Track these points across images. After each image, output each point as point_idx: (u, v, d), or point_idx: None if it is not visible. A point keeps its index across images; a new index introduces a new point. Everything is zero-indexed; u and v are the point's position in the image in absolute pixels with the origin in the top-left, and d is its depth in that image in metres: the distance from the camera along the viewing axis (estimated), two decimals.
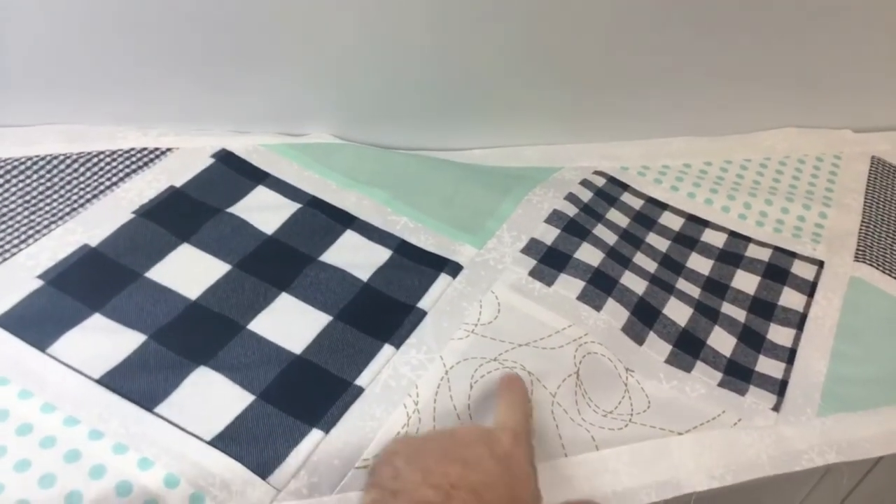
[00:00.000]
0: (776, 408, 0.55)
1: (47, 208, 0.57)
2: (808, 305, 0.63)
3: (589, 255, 0.62)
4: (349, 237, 0.60)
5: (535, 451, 0.44)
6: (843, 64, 0.78)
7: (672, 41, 0.70)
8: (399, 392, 0.50)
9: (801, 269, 0.67)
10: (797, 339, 0.60)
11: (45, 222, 0.56)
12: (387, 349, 0.53)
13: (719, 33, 0.71)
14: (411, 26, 0.64)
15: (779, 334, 0.61)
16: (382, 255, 0.60)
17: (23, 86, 0.61)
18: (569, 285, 0.59)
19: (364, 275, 0.58)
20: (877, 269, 0.67)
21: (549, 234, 0.64)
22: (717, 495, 0.50)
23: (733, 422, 0.53)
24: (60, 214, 0.57)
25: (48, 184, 0.59)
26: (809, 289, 0.65)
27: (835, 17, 0.73)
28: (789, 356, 0.59)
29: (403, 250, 0.60)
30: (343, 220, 0.62)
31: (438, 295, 0.57)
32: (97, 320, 0.51)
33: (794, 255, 0.68)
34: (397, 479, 0.38)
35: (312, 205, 0.62)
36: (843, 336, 0.61)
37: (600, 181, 0.72)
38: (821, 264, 0.67)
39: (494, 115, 0.74)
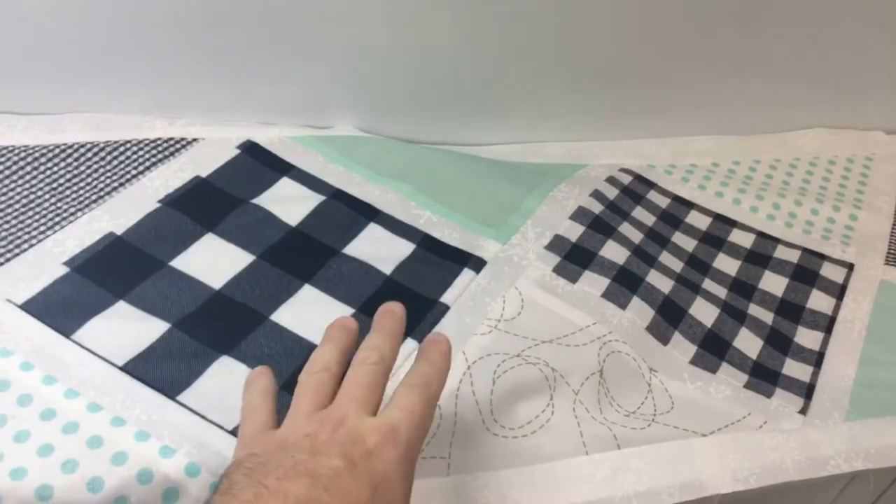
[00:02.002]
0: (803, 411, 0.54)
1: (74, 196, 0.58)
2: (836, 308, 0.62)
3: (614, 252, 0.62)
4: (372, 230, 0.60)
5: (555, 449, 0.44)
6: (874, 64, 0.76)
7: (700, 39, 0.69)
8: None
9: (831, 272, 0.65)
10: (825, 342, 0.59)
11: (72, 209, 0.57)
12: (409, 343, 0.52)
13: (749, 31, 0.70)
14: (438, 21, 0.63)
15: (806, 337, 0.60)
16: (406, 248, 0.59)
17: (51, 74, 0.62)
18: (593, 283, 0.59)
19: (387, 268, 0.57)
20: None
21: (574, 231, 0.63)
22: (740, 498, 0.49)
23: (759, 424, 0.52)
24: (87, 202, 0.57)
25: (75, 171, 0.60)
26: (839, 292, 0.64)
27: (866, 15, 0.71)
28: (817, 360, 0.58)
29: (427, 244, 0.60)
30: (367, 213, 0.61)
31: (461, 290, 0.57)
32: (121, 308, 0.51)
33: (823, 257, 0.67)
34: (226, 496, 0.32)
35: (336, 197, 0.62)
36: (873, 340, 0.60)
37: (627, 179, 0.71)
38: (850, 267, 0.66)
39: (520, 110, 0.73)
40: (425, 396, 0.38)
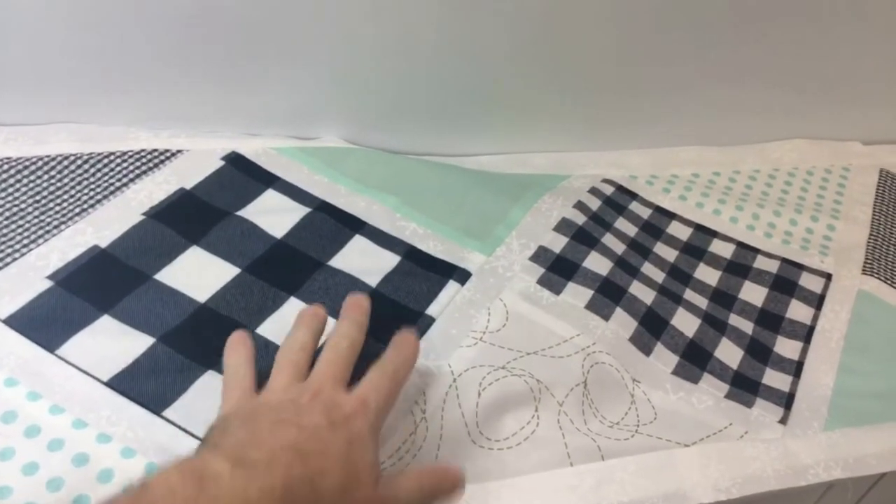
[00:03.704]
0: (783, 420, 0.55)
1: (57, 208, 0.58)
2: (815, 318, 0.63)
3: (598, 264, 0.62)
4: (358, 242, 0.60)
5: (539, 461, 0.44)
6: (852, 75, 0.78)
7: (682, 50, 0.70)
8: (406, 399, 0.50)
9: (809, 282, 0.67)
10: (804, 351, 0.60)
11: (56, 222, 0.56)
12: None
13: (729, 43, 0.71)
14: (423, 33, 0.64)
15: (786, 347, 0.61)
16: (391, 260, 0.60)
17: (35, 85, 0.62)
18: (577, 294, 0.59)
19: (373, 280, 0.58)
20: (884, 282, 0.67)
21: (558, 243, 0.64)
22: None
23: (740, 434, 0.53)
24: (71, 215, 0.57)
25: (59, 184, 0.60)
26: (817, 301, 0.65)
27: (845, 28, 0.73)
28: (796, 369, 0.59)
29: (412, 256, 0.60)
30: (352, 225, 0.62)
31: (447, 302, 0.57)
32: (106, 322, 0.51)
33: (802, 267, 0.68)
34: (224, 435, 0.37)
35: (321, 209, 0.62)
36: (851, 350, 0.61)
37: (609, 189, 0.72)
38: (829, 277, 0.67)
39: (504, 121, 0.74)
40: (393, 379, 0.43)
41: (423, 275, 0.59)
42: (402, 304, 0.56)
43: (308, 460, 0.36)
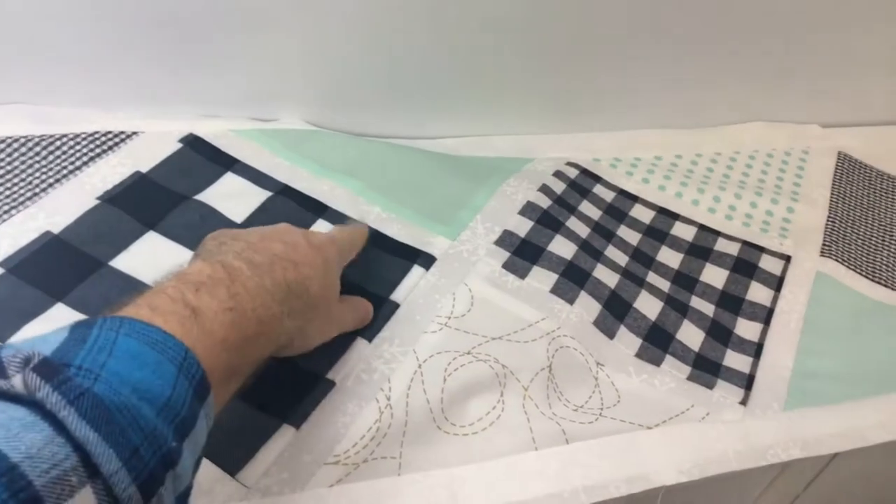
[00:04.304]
0: (744, 402, 0.55)
1: (8, 193, 0.56)
2: (774, 300, 0.64)
3: (562, 247, 0.62)
4: (321, 227, 0.60)
5: (505, 446, 0.44)
6: (810, 60, 0.78)
7: (644, 35, 0.70)
8: (371, 386, 0.50)
9: (769, 264, 0.68)
10: (764, 333, 0.61)
11: (6, 207, 0.55)
12: (359, 343, 0.52)
13: (690, 27, 0.71)
14: (386, 14, 0.62)
15: (746, 328, 0.62)
16: None
17: None
18: (542, 278, 0.59)
19: None
20: (842, 264, 0.69)
21: (523, 226, 0.64)
22: (683, 487, 0.51)
23: (702, 416, 0.54)
24: (22, 199, 0.55)
25: (8, 167, 0.57)
26: (777, 283, 0.66)
27: (803, 13, 0.73)
28: (756, 350, 0.60)
29: (377, 241, 0.60)
30: (315, 210, 0.61)
31: (412, 287, 0.57)
32: (59, 310, 0.49)
33: (762, 249, 0.69)
34: (222, 247, 0.41)
35: (283, 193, 0.61)
36: (809, 331, 0.62)
37: (573, 172, 0.72)
38: (788, 259, 0.68)
39: (468, 104, 0.73)
40: (351, 235, 0.54)
41: (388, 259, 0.58)
42: (366, 290, 0.56)
43: (298, 268, 0.42)
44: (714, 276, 0.66)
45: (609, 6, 0.67)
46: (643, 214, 0.70)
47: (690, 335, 0.60)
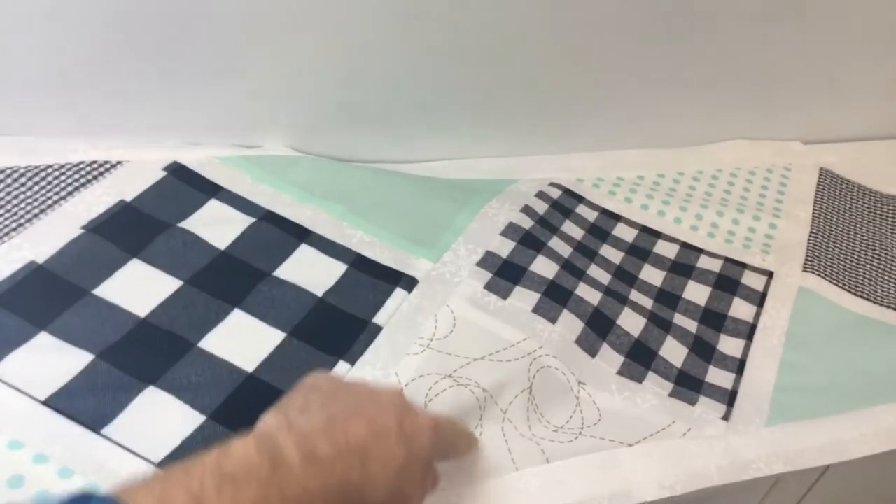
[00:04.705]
0: (726, 417, 0.56)
1: None
2: (757, 316, 0.65)
3: (544, 267, 0.63)
4: (304, 252, 0.60)
5: (485, 468, 0.44)
6: (792, 77, 0.80)
7: (625, 57, 0.71)
8: None
9: (751, 280, 0.68)
10: (746, 349, 0.62)
11: None
12: (341, 365, 0.53)
13: (672, 48, 0.72)
14: (368, 40, 0.64)
15: (729, 345, 0.62)
16: (338, 269, 0.59)
17: None
18: (524, 298, 0.60)
19: (319, 290, 0.57)
20: (824, 279, 0.69)
21: (505, 247, 0.64)
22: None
23: (683, 432, 0.54)
24: (6, 230, 0.56)
25: None
26: (759, 299, 0.66)
27: (783, 31, 0.74)
28: (739, 367, 0.60)
29: (359, 265, 0.60)
30: (298, 235, 0.61)
31: (394, 310, 0.57)
32: (44, 339, 0.50)
33: (744, 265, 0.69)
34: (302, 414, 0.37)
35: (267, 219, 0.62)
36: (792, 346, 0.63)
37: (556, 193, 0.73)
38: (770, 275, 0.69)
39: (451, 127, 0.74)
40: (462, 434, 0.47)
41: (370, 283, 0.59)
42: (348, 314, 0.56)
43: (367, 465, 0.37)
44: (696, 293, 0.66)
45: (591, 29, 0.68)
46: (626, 233, 0.71)
47: (673, 352, 0.60)
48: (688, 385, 0.58)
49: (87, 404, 0.47)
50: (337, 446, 0.36)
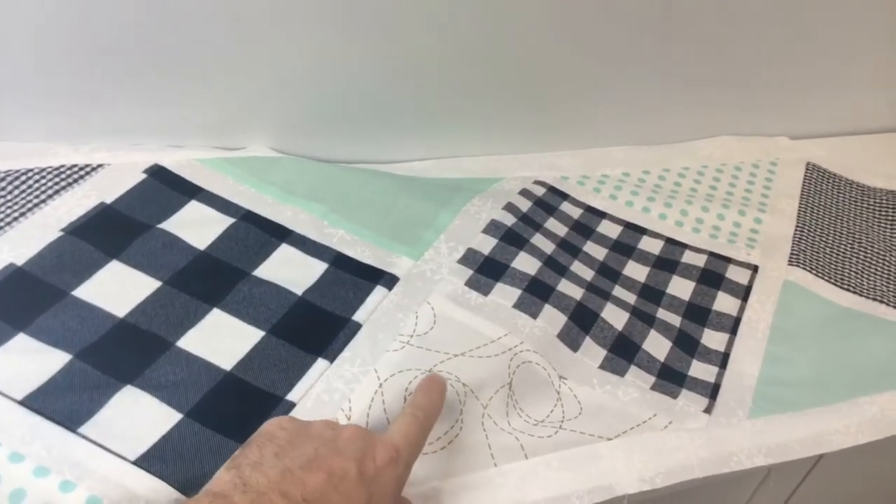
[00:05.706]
0: (708, 410, 0.55)
1: None
2: (741, 309, 0.65)
3: (526, 263, 0.63)
4: (284, 251, 0.60)
5: (464, 463, 0.44)
6: (779, 72, 0.80)
7: (610, 53, 0.71)
8: (332, 406, 0.50)
9: (736, 274, 0.68)
10: (730, 343, 0.61)
11: None
12: (320, 363, 0.52)
13: (656, 44, 0.72)
14: (350, 39, 0.64)
15: (713, 339, 0.62)
16: (318, 268, 0.59)
17: None
18: (505, 294, 0.60)
19: (298, 288, 0.57)
20: (810, 272, 0.69)
21: (487, 244, 0.64)
22: (652, 498, 0.51)
23: (664, 424, 0.54)
24: None
25: None
26: (744, 293, 0.66)
27: (768, 26, 0.74)
28: (722, 360, 0.60)
29: (339, 263, 0.60)
30: (278, 234, 0.61)
31: (374, 307, 0.57)
32: (21, 340, 0.50)
33: (729, 260, 0.69)
34: (256, 470, 0.36)
35: (247, 219, 0.62)
36: (776, 339, 0.62)
37: (540, 191, 0.73)
38: (755, 269, 0.69)
39: (435, 126, 0.74)
40: (424, 426, 0.44)
41: (351, 281, 0.59)
42: (328, 311, 0.56)
43: None
44: (681, 287, 0.66)
45: (575, 27, 0.68)
46: (610, 230, 0.71)
47: (656, 346, 0.60)
48: (670, 378, 0.57)
49: (64, 403, 0.47)
50: (292, 500, 0.35)
